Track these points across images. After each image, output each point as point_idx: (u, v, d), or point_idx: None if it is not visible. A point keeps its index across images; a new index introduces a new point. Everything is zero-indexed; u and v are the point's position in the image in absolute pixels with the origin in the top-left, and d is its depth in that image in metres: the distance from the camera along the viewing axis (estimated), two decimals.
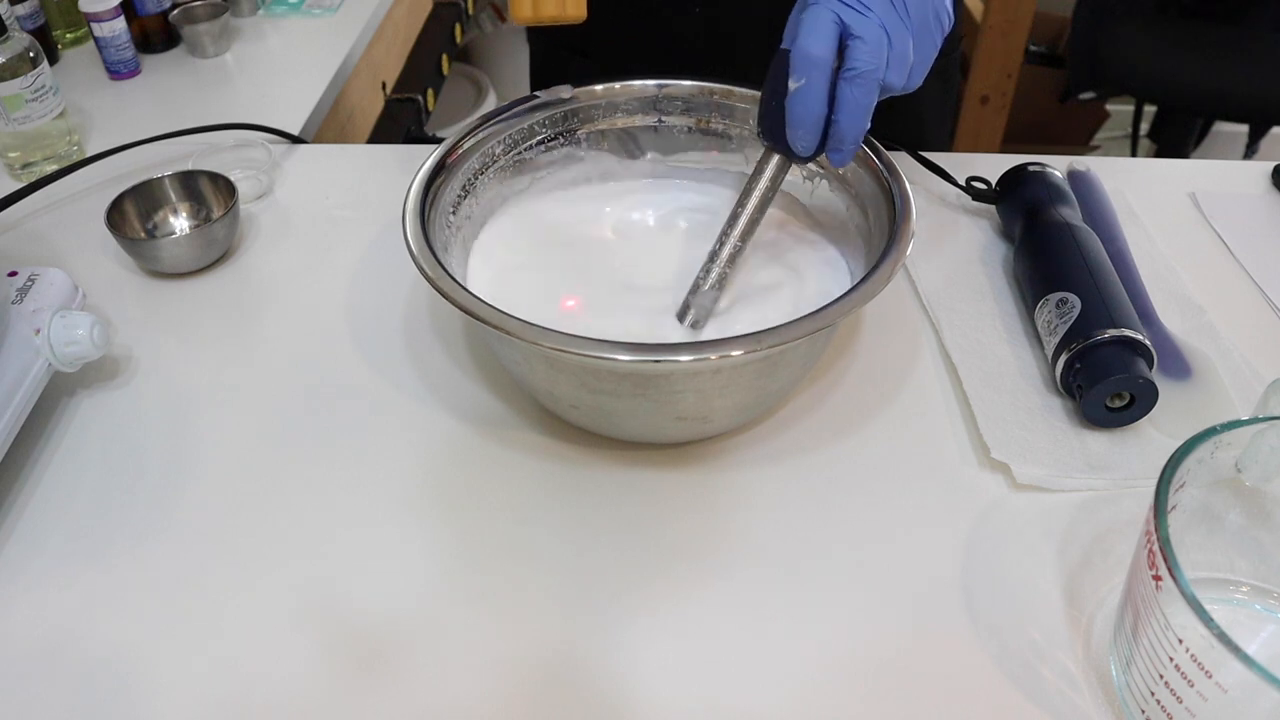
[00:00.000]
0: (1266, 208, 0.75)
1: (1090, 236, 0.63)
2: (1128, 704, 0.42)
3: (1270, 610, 0.46)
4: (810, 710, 0.44)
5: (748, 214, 0.55)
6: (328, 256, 0.71)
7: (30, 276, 0.59)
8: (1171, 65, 1.79)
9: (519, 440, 0.57)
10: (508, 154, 0.63)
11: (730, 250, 0.55)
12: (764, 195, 0.55)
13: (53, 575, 0.50)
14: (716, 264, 0.55)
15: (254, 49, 1.09)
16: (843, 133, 0.50)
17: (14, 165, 0.83)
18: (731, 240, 0.55)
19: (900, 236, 0.52)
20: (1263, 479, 0.44)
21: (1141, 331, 0.56)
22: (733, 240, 0.55)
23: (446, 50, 1.55)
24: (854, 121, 0.49)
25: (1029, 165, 0.70)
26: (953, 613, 0.48)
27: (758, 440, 0.57)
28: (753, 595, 0.49)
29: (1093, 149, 2.27)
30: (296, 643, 0.47)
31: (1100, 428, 0.56)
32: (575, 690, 0.45)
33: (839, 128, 0.50)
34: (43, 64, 0.80)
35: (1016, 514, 0.52)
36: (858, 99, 0.49)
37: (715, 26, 0.77)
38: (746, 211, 0.55)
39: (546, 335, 0.46)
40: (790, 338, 0.46)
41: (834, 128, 0.50)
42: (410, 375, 0.61)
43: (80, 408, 0.60)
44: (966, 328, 0.63)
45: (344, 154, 0.85)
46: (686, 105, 0.66)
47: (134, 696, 0.45)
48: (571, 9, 0.59)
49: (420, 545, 0.51)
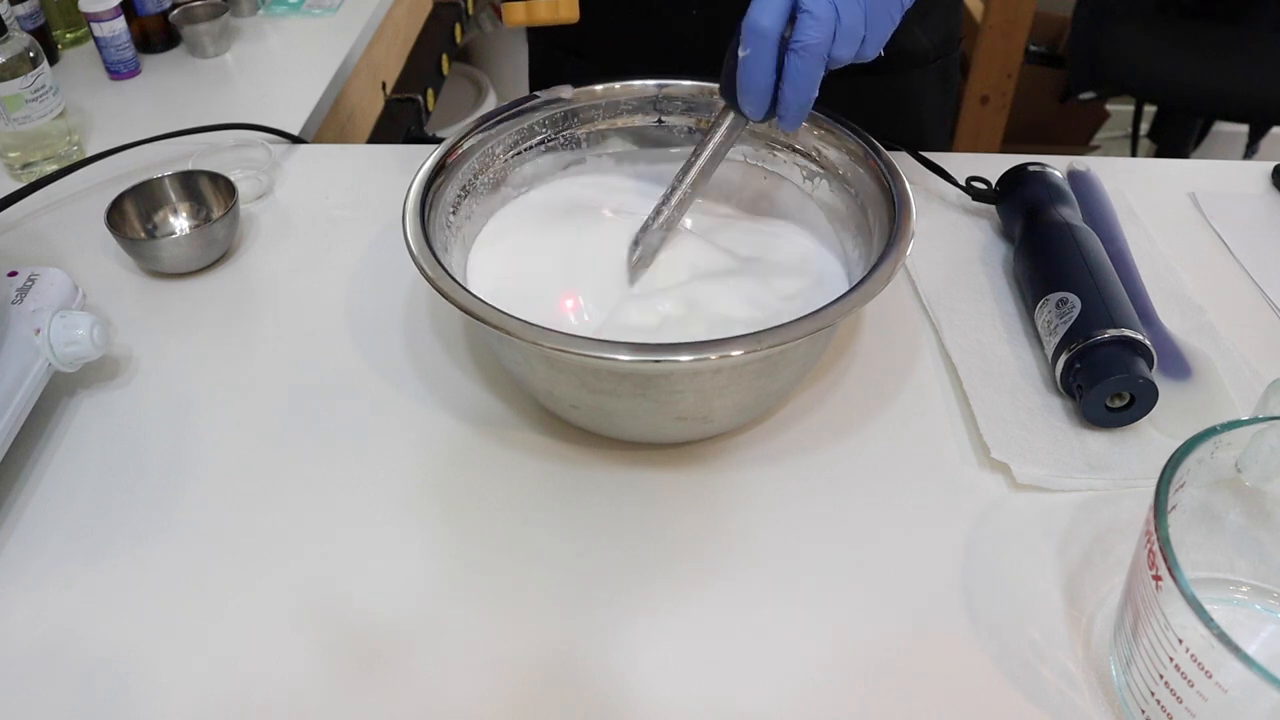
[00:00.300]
0: (1266, 208, 0.75)
1: (1090, 236, 0.63)
2: (1128, 704, 0.42)
3: (1270, 610, 0.46)
4: (810, 710, 0.44)
5: (700, 164, 0.57)
6: (328, 256, 0.71)
7: (30, 276, 0.59)
8: (1171, 65, 1.79)
9: (519, 440, 0.57)
10: (508, 154, 0.63)
11: (680, 196, 0.58)
12: (716, 148, 0.57)
13: (53, 575, 0.50)
14: (666, 207, 0.59)
15: (254, 49, 1.09)
16: (788, 101, 0.51)
17: (14, 165, 0.83)
18: (682, 187, 0.58)
19: (900, 236, 0.52)
20: (1263, 479, 0.44)
21: (1141, 331, 0.56)
22: (683, 187, 0.58)
23: (446, 50, 1.55)
24: (799, 92, 0.51)
25: (1029, 165, 0.70)
26: (953, 613, 0.48)
27: (758, 440, 0.57)
28: (753, 595, 0.49)
29: (1093, 149, 2.27)
30: (296, 643, 0.47)
31: (1100, 428, 0.56)
32: (575, 690, 0.45)
33: (784, 96, 0.51)
34: (43, 64, 0.80)
35: (1016, 514, 0.52)
36: (803, 71, 0.50)
37: (715, 26, 0.77)
38: (699, 162, 0.57)
39: (546, 335, 0.46)
40: (790, 338, 0.46)
41: (781, 95, 0.51)
42: (410, 375, 0.61)
43: (80, 408, 0.60)
44: (966, 328, 0.63)
45: (344, 154, 0.85)
46: (686, 105, 0.66)
47: (134, 696, 0.45)
48: (564, 11, 0.60)
49: (420, 545, 0.52)
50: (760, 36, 0.49)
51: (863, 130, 0.60)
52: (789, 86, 0.51)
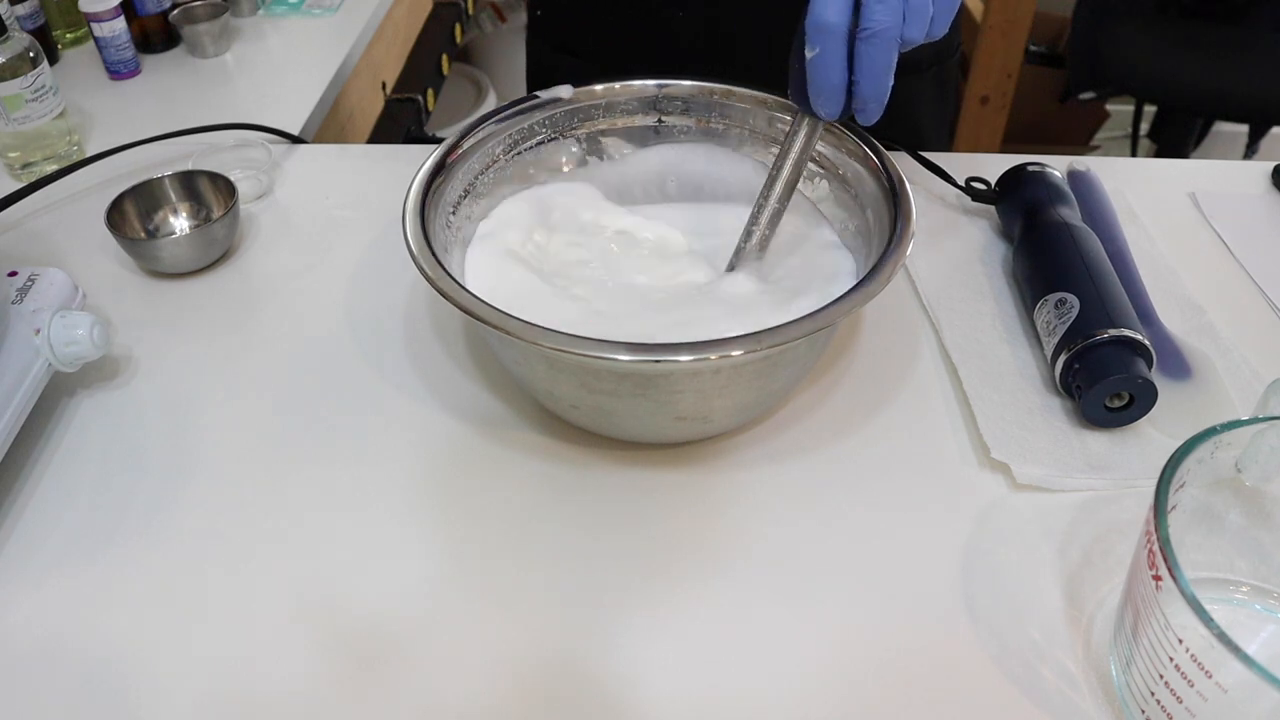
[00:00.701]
0: (1266, 208, 0.75)
1: (1089, 236, 0.63)
2: (1127, 704, 0.42)
3: (1270, 610, 0.46)
4: (810, 710, 0.44)
5: (785, 176, 0.56)
6: (328, 256, 0.71)
7: (30, 276, 0.59)
8: (1171, 65, 1.79)
9: (519, 440, 0.57)
10: (508, 154, 0.63)
11: (770, 213, 0.57)
12: (799, 158, 0.55)
13: (53, 575, 0.50)
14: (757, 227, 0.57)
15: (254, 49, 1.09)
16: (865, 94, 0.49)
17: (14, 165, 0.83)
18: (770, 204, 0.56)
19: (900, 236, 0.52)
20: (1263, 479, 0.44)
21: (1140, 331, 0.56)
22: (771, 203, 0.56)
23: (446, 50, 1.55)
24: (875, 82, 0.49)
25: (1028, 165, 0.70)
26: (953, 613, 0.48)
27: (758, 440, 0.57)
28: (752, 594, 0.49)
29: (1093, 149, 2.27)
30: (296, 642, 0.47)
31: (1100, 428, 0.56)
32: (575, 689, 0.45)
33: (860, 89, 0.49)
34: (43, 64, 0.80)
35: (1016, 514, 0.52)
36: (877, 59, 0.48)
37: (715, 26, 0.77)
38: (784, 174, 0.56)
39: (546, 335, 0.46)
40: (790, 338, 0.46)
41: (856, 89, 0.49)
42: (410, 375, 0.61)
43: (80, 408, 0.60)
44: (966, 327, 0.63)
45: (344, 154, 0.85)
46: (686, 105, 0.66)
47: (134, 696, 0.45)
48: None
49: (420, 545, 0.52)
50: (828, 33, 0.47)
51: (863, 130, 0.60)
52: (865, 77, 0.48)
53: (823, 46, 0.48)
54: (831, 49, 0.48)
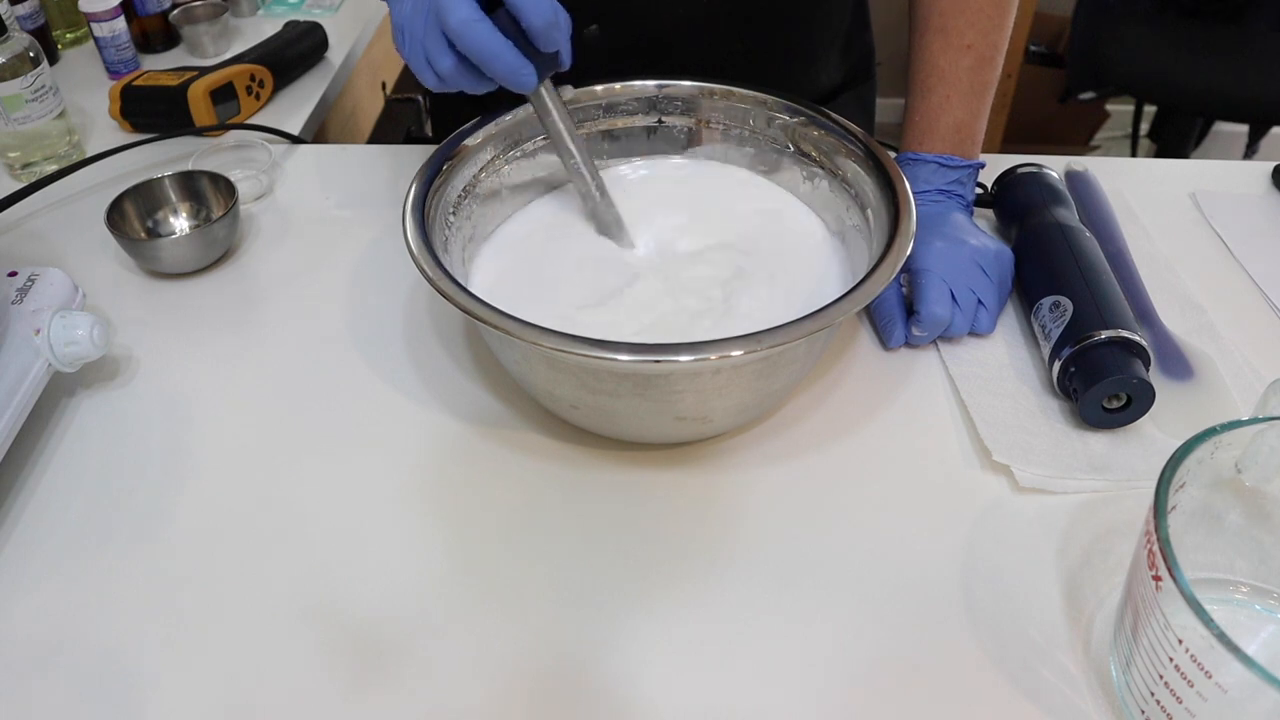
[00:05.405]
0: (1266, 208, 0.75)
1: (1084, 237, 0.63)
2: (1127, 704, 0.42)
3: (1270, 610, 0.46)
4: (810, 710, 0.44)
5: (566, 136, 0.58)
6: (328, 257, 0.71)
7: (30, 276, 0.59)
8: (1171, 65, 1.79)
9: (519, 440, 0.57)
10: (508, 154, 0.63)
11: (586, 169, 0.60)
12: (561, 114, 0.58)
13: (53, 575, 0.50)
14: (586, 184, 0.60)
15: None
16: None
17: (14, 165, 0.83)
18: (580, 161, 0.59)
19: (900, 236, 0.52)
20: (1263, 479, 0.44)
21: (1136, 331, 0.55)
22: (580, 161, 0.59)
23: None
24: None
25: (1022, 166, 0.70)
26: (953, 613, 0.48)
27: (758, 440, 0.57)
28: (752, 594, 0.49)
29: (1093, 149, 2.27)
30: (296, 641, 0.47)
31: (1100, 429, 0.56)
32: (575, 689, 0.45)
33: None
34: (43, 64, 0.80)
35: (1017, 514, 0.52)
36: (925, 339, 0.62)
37: (715, 26, 0.77)
38: (565, 136, 0.58)
39: (546, 335, 0.46)
40: (790, 338, 0.46)
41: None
42: (410, 375, 0.61)
43: (80, 408, 0.60)
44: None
45: (344, 154, 0.85)
46: (686, 105, 0.66)
47: (134, 696, 0.45)
48: None
49: (421, 545, 0.51)
50: (938, 324, 0.60)
51: (863, 130, 0.61)
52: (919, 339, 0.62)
53: (929, 332, 0.61)
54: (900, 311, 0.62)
